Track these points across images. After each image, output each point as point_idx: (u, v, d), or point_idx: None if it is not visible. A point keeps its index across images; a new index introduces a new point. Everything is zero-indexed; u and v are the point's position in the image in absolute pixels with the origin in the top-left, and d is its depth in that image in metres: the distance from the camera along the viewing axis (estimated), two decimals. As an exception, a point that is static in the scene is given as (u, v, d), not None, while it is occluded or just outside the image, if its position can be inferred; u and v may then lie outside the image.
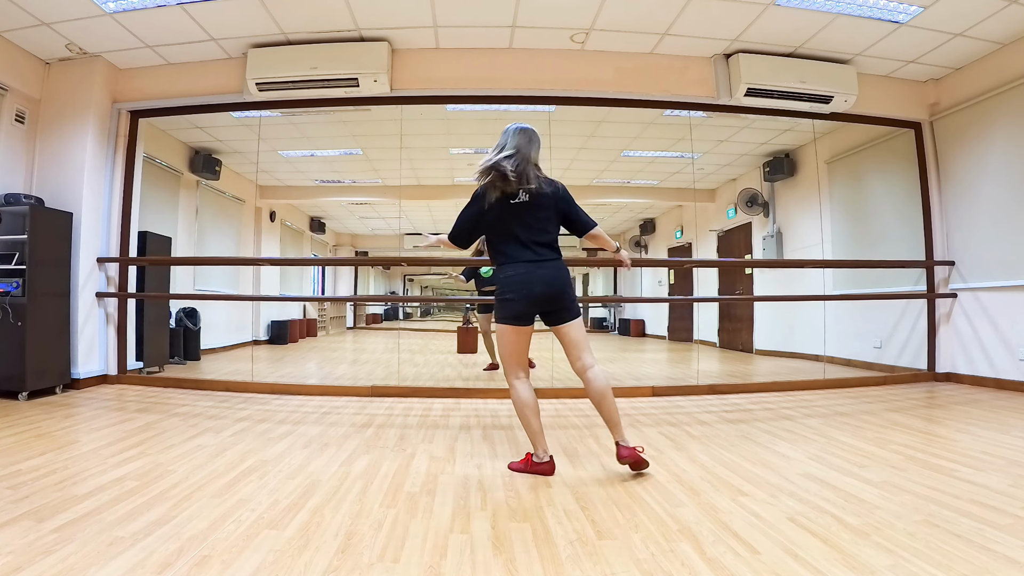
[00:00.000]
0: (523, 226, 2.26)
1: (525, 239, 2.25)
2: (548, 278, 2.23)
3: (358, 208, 9.26)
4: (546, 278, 2.23)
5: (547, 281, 2.22)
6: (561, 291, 2.25)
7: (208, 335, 6.14)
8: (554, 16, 3.91)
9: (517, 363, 2.27)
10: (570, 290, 2.29)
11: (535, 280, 2.21)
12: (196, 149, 6.25)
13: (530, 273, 2.22)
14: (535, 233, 2.26)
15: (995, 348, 4.32)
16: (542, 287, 2.22)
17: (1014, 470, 2.24)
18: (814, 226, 5.92)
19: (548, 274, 2.23)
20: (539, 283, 2.22)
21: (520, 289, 2.21)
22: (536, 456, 2.25)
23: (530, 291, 2.20)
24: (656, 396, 4.13)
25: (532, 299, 2.21)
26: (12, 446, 2.53)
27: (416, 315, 15.31)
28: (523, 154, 2.27)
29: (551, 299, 2.24)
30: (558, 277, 2.26)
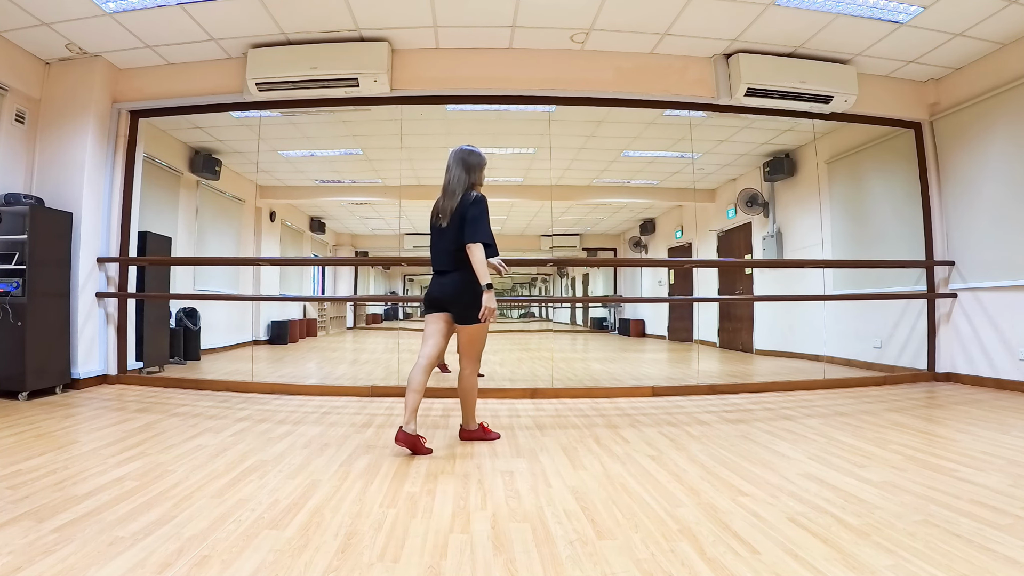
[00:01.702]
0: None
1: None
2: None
3: (358, 208, 9.27)
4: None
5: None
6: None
7: (208, 335, 6.14)
8: (554, 16, 3.91)
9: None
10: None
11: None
12: (196, 149, 6.25)
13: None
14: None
15: (995, 348, 4.32)
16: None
17: (1014, 470, 2.24)
18: (814, 226, 5.92)
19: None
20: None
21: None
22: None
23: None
24: (656, 396, 4.13)
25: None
26: (12, 446, 2.53)
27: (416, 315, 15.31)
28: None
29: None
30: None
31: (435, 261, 2.70)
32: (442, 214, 2.63)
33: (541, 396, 4.09)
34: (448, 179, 2.65)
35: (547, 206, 8.08)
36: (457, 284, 2.60)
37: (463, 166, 2.65)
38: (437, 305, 2.67)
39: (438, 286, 2.66)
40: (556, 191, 7.33)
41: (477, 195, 2.62)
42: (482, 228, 2.54)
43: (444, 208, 2.63)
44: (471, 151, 2.69)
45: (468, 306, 2.57)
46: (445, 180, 2.66)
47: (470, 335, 2.64)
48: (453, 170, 2.65)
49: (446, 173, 2.67)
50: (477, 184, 2.69)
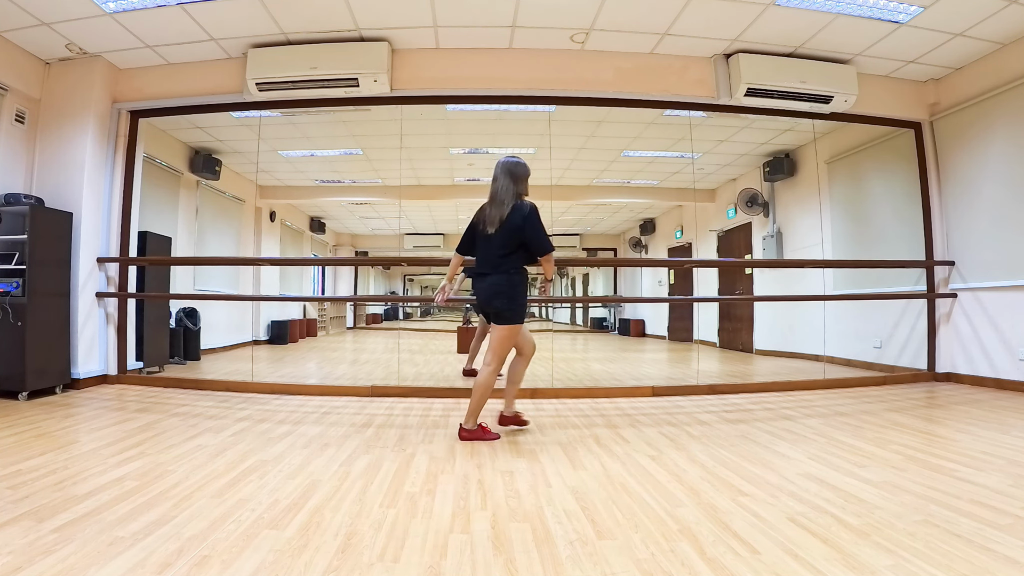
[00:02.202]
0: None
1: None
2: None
3: (358, 208, 9.27)
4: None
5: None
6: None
7: (208, 335, 6.14)
8: (554, 16, 3.91)
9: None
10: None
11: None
12: (196, 149, 6.25)
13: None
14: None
15: (995, 348, 4.32)
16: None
17: (1014, 470, 2.24)
18: (814, 226, 5.93)
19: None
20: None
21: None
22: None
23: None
24: (656, 396, 4.13)
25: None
26: (12, 446, 2.53)
27: (416, 315, 15.31)
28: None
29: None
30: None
31: (479, 263, 2.85)
32: (489, 222, 2.76)
33: (541, 396, 4.09)
34: (496, 189, 2.78)
35: (547, 206, 8.08)
36: (495, 286, 2.75)
37: (510, 176, 2.78)
38: (483, 312, 2.93)
39: (485, 287, 2.80)
40: (556, 191, 7.32)
41: (530, 204, 2.76)
42: (547, 238, 2.77)
43: (492, 216, 2.76)
44: (517, 162, 2.83)
45: (501, 308, 2.74)
46: (492, 189, 2.79)
47: (499, 335, 2.77)
48: (500, 180, 2.77)
49: (493, 183, 2.80)
50: (524, 193, 2.82)
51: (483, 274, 2.81)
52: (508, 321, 2.74)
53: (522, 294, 2.79)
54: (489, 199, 2.81)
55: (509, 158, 2.84)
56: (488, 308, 2.82)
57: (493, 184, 2.81)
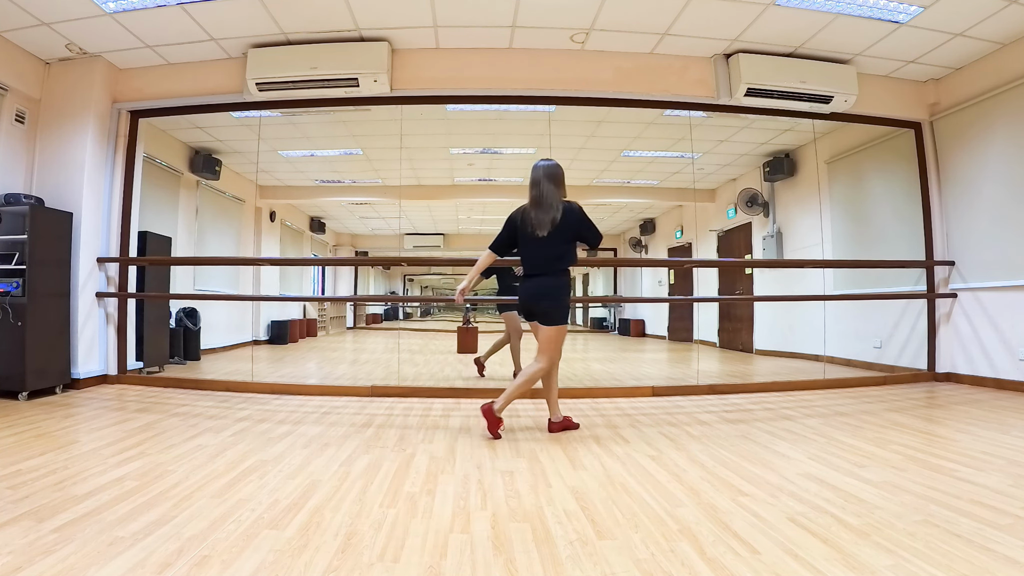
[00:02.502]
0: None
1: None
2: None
3: (358, 208, 9.27)
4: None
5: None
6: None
7: (208, 335, 6.14)
8: (554, 16, 3.91)
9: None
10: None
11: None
12: (196, 149, 6.25)
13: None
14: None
15: (995, 348, 4.32)
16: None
17: (1014, 470, 2.24)
18: (814, 226, 5.93)
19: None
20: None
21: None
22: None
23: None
24: (656, 396, 4.13)
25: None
26: (12, 446, 2.53)
27: (416, 315, 15.32)
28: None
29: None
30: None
31: (529, 265, 2.91)
32: (538, 225, 2.82)
33: (541, 396, 4.07)
34: (539, 193, 2.85)
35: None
36: (543, 287, 2.84)
37: (553, 180, 2.85)
38: (528, 311, 2.92)
39: (533, 287, 2.86)
40: (556, 191, 7.31)
41: (575, 204, 2.87)
42: (597, 230, 2.91)
43: (541, 220, 2.82)
44: (555, 164, 2.90)
45: (549, 308, 2.84)
46: (535, 193, 2.86)
47: (548, 335, 2.86)
48: (543, 185, 2.84)
49: (534, 187, 2.87)
50: (564, 195, 2.91)
51: (535, 275, 2.87)
52: (556, 321, 2.84)
53: (568, 295, 2.91)
54: (532, 203, 2.87)
55: (546, 162, 2.90)
56: (536, 308, 2.87)
57: (534, 188, 2.86)
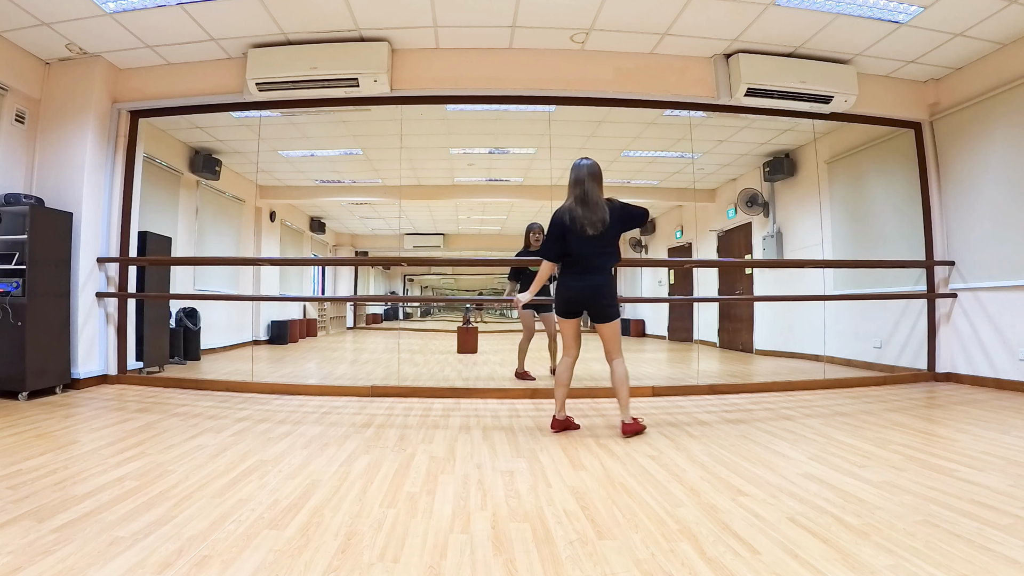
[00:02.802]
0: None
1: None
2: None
3: (358, 208, 9.27)
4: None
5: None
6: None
7: (208, 335, 6.14)
8: (554, 16, 3.91)
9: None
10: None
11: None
12: (196, 149, 6.25)
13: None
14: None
15: (995, 348, 4.32)
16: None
17: (1014, 470, 2.24)
18: (814, 226, 5.92)
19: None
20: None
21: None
22: (557, 415, 3.03)
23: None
24: (656, 396, 4.13)
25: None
26: (12, 446, 2.53)
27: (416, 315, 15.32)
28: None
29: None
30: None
31: (582, 266, 2.90)
32: (589, 224, 2.83)
33: (541, 396, 4.09)
34: (583, 192, 2.85)
35: (547, 206, 8.08)
36: (601, 287, 2.88)
37: (596, 180, 2.87)
38: (577, 308, 2.93)
39: (590, 287, 2.88)
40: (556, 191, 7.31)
41: (620, 202, 2.93)
42: (636, 206, 2.98)
43: (593, 219, 2.82)
44: (595, 163, 2.91)
45: (608, 305, 2.88)
46: (579, 192, 2.85)
47: (612, 331, 2.91)
48: (587, 184, 2.85)
49: (577, 186, 2.87)
50: (602, 193, 2.94)
51: (596, 273, 2.89)
52: (614, 317, 2.91)
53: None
54: (578, 202, 2.86)
55: (587, 161, 2.91)
56: (595, 306, 2.90)
57: (578, 187, 2.87)
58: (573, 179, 2.90)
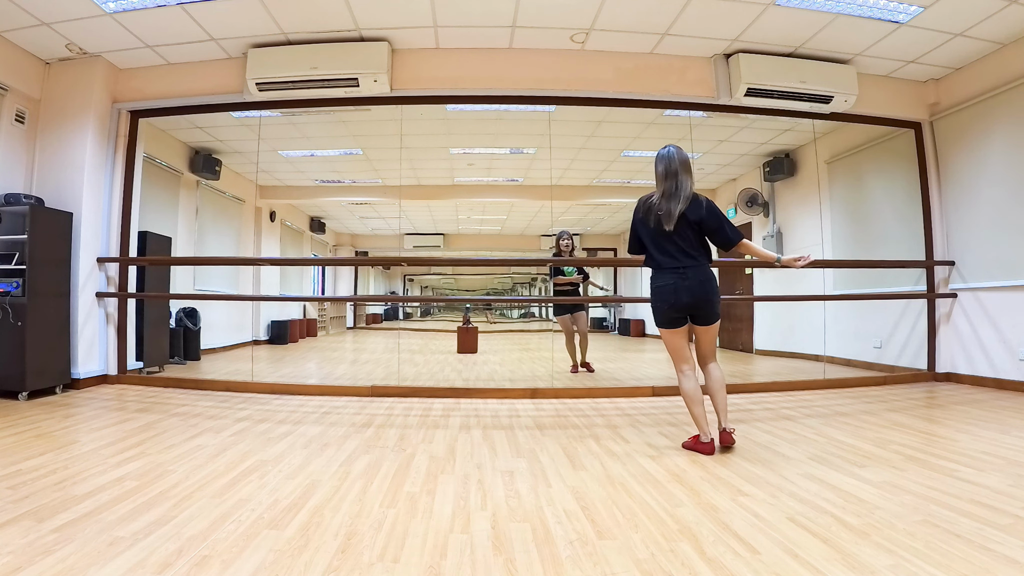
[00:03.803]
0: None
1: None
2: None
3: (358, 208, 9.27)
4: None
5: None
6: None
7: (208, 335, 6.14)
8: (554, 16, 3.91)
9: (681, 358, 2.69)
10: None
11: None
12: (196, 149, 6.25)
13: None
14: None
15: (995, 348, 4.32)
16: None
17: (1014, 470, 2.24)
18: (814, 226, 5.92)
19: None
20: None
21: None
22: (701, 438, 2.60)
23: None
24: (656, 396, 4.13)
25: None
26: (12, 446, 2.53)
27: (416, 315, 15.32)
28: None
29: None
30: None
31: (665, 261, 2.59)
32: (665, 217, 2.55)
33: (541, 396, 4.09)
34: (677, 184, 2.55)
35: (547, 206, 8.08)
36: (713, 282, 2.60)
37: (689, 171, 2.58)
38: (683, 313, 2.58)
39: (691, 288, 2.53)
40: (556, 191, 7.32)
41: (707, 199, 2.60)
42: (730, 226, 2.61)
43: (673, 211, 2.53)
44: (684, 151, 2.61)
45: (717, 303, 2.61)
46: (670, 185, 2.56)
47: (714, 332, 2.67)
48: (681, 175, 2.56)
49: (671, 178, 2.57)
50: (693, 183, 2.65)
51: (691, 271, 2.55)
52: (718, 316, 2.64)
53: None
54: (666, 195, 2.56)
55: (678, 149, 2.60)
56: (703, 308, 2.57)
57: (672, 179, 2.56)
58: (666, 171, 2.58)
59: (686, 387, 2.62)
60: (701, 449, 2.57)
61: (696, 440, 2.61)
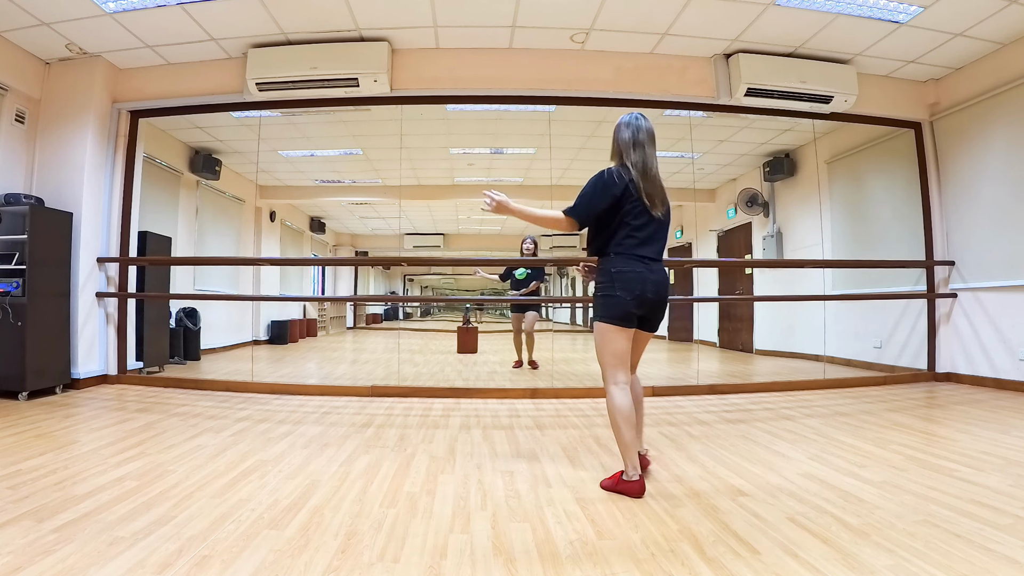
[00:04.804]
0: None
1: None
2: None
3: (358, 208, 9.26)
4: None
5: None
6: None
7: (208, 335, 6.14)
8: (554, 16, 3.91)
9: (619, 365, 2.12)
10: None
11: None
12: (196, 149, 6.25)
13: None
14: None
15: (995, 348, 4.32)
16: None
17: (1014, 470, 2.24)
18: (814, 226, 5.92)
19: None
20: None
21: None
22: (626, 474, 2.02)
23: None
24: (656, 396, 4.13)
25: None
26: (12, 446, 2.53)
27: (416, 315, 15.32)
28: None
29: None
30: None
31: (642, 250, 2.11)
32: (651, 200, 2.10)
33: (541, 396, 4.09)
34: (646, 159, 2.12)
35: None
36: (666, 283, 2.16)
37: (655, 145, 2.17)
38: (641, 311, 2.10)
39: (654, 285, 2.09)
40: (556, 191, 7.31)
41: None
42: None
43: (657, 195, 2.12)
44: (649, 120, 2.20)
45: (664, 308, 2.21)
46: (637, 158, 2.12)
47: (648, 339, 2.28)
48: (648, 148, 2.14)
49: (638, 148, 2.12)
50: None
51: (657, 264, 2.13)
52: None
53: None
54: (642, 174, 2.10)
55: (642, 118, 2.18)
56: (659, 312, 2.17)
57: (639, 150, 2.12)
58: (632, 140, 2.13)
59: (622, 405, 2.03)
60: (627, 490, 1.99)
61: (619, 478, 2.04)
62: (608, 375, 2.10)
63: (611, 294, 2.08)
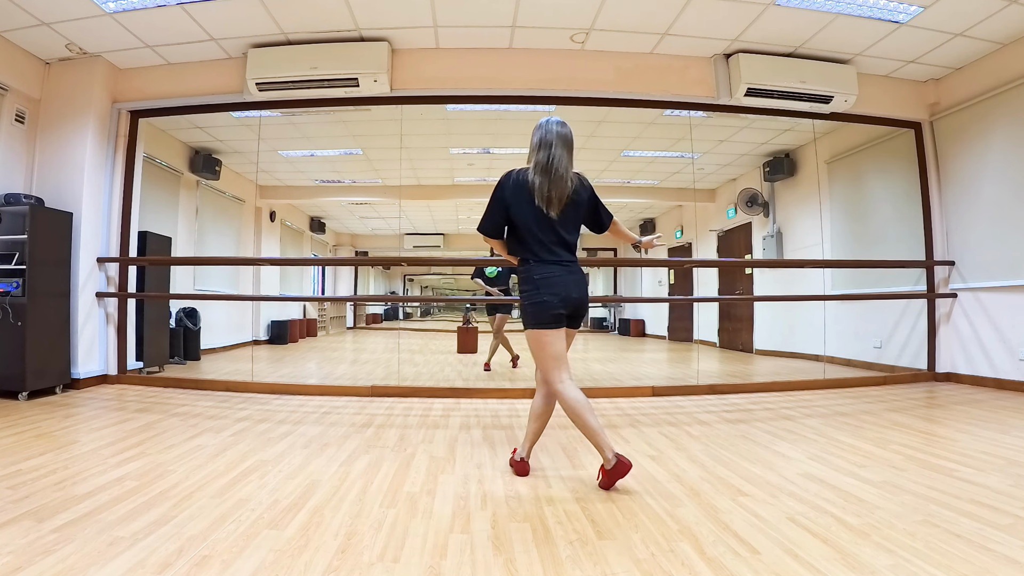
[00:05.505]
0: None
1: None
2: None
3: (358, 208, 9.27)
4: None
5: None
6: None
7: (208, 335, 6.14)
8: (554, 16, 3.91)
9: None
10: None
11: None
12: (196, 149, 6.25)
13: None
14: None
15: (995, 348, 4.32)
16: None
17: (1014, 470, 2.24)
18: (814, 226, 5.92)
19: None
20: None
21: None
22: (607, 461, 2.03)
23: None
24: (656, 396, 4.13)
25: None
26: (12, 446, 2.53)
27: (416, 315, 15.32)
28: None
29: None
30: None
31: (546, 251, 2.17)
32: (548, 201, 2.15)
33: (541, 396, 4.08)
34: (549, 159, 2.18)
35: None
36: (583, 282, 2.24)
37: (567, 147, 2.22)
38: (569, 310, 2.17)
39: (575, 285, 2.17)
40: (556, 191, 7.31)
41: (586, 180, 2.30)
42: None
43: (554, 195, 2.15)
44: (567, 126, 2.27)
45: (586, 306, 2.27)
46: (542, 157, 2.18)
47: (574, 336, 2.32)
48: (556, 150, 2.19)
49: (542, 149, 2.20)
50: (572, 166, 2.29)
51: (572, 264, 2.21)
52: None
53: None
54: (540, 170, 2.17)
55: (557, 121, 2.26)
56: (582, 309, 2.23)
57: (543, 151, 2.19)
58: (541, 141, 2.22)
59: (576, 397, 2.09)
60: (618, 473, 2.03)
61: (605, 471, 2.06)
62: (553, 377, 2.15)
63: (539, 300, 2.14)
